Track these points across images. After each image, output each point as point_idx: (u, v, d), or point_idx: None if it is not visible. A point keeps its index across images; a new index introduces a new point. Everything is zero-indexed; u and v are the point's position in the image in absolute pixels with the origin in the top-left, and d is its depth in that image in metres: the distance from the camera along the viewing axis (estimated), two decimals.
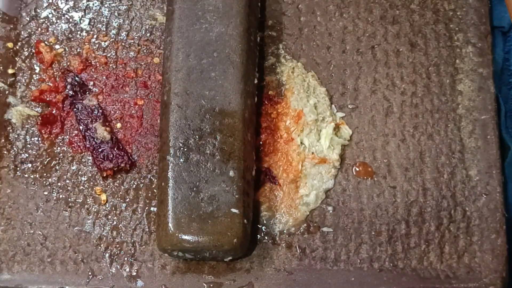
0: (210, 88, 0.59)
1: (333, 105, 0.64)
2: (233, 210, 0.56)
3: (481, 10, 0.66)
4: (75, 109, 0.63)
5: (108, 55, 0.65)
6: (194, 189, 0.57)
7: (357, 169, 0.62)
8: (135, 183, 0.62)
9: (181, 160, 0.57)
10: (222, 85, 0.59)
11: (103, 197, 0.61)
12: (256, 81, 0.62)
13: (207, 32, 0.60)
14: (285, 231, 0.61)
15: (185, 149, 0.58)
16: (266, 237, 0.60)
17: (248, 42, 0.61)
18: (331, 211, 0.61)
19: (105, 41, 0.65)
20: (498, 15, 0.68)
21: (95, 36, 0.65)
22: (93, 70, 0.65)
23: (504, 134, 0.66)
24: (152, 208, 0.61)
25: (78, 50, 0.65)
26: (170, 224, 0.55)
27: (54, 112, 0.64)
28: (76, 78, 0.64)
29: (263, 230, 0.61)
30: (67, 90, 0.63)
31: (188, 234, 0.55)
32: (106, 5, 0.66)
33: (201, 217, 0.56)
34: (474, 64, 0.65)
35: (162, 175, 0.58)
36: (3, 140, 0.63)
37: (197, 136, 0.58)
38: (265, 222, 0.61)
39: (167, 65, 0.60)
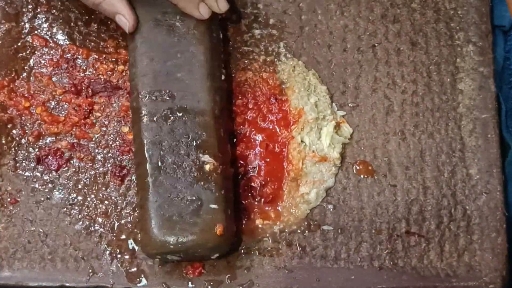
0: (178, 89, 0.59)
1: (333, 104, 0.64)
2: (212, 206, 0.56)
3: (482, 9, 0.66)
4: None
5: None
6: (173, 190, 0.56)
7: (358, 167, 0.63)
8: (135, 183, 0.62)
9: (157, 165, 0.57)
10: (189, 85, 0.59)
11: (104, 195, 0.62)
12: (223, 77, 0.62)
13: (168, 33, 0.60)
14: (285, 229, 0.61)
15: (160, 153, 0.57)
16: (266, 235, 0.60)
17: (211, 40, 0.61)
18: (331, 210, 0.61)
19: None
20: (499, 14, 0.68)
21: None
22: None
23: (505, 133, 0.66)
24: None
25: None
26: (152, 229, 0.55)
27: None
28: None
29: (263, 228, 0.61)
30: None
31: (171, 236, 0.55)
32: None
33: (182, 218, 0.56)
34: (475, 63, 0.65)
35: (139, 181, 0.58)
36: (4, 138, 0.63)
37: (170, 139, 0.58)
38: (265, 220, 0.61)
39: (132, 72, 0.60)
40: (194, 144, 0.58)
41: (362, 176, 0.62)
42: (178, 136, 0.58)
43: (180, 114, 0.58)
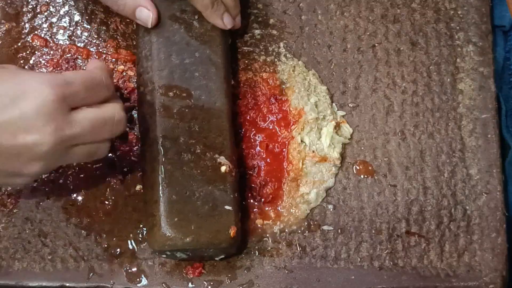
0: (195, 88, 0.59)
1: (334, 104, 0.64)
2: (227, 207, 0.56)
3: (482, 9, 0.66)
4: None
5: None
6: (189, 188, 0.56)
7: (358, 167, 0.63)
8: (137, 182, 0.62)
9: (173, 160, 0.57)
10: (206, 85, 0.59)
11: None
12: (232, 82, 0.63)
13: (186, 32, 0.60)
14: (286, 229, 0.61)
15: (176, 149, 0.57)
16: (266, 235, 0.60)
17: (226, 43, 0.62)
18: (331, 210, 0.61)
19: None
20: (499, 14, 0.68)
21: None
22: None
23: (505, 133, 0.66)
24: None
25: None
26: (168, 224, 0.55)
27: None
28: None
29: (263, 228, 0.61)
30: None
31: (187, 233, 0.55)
32: None
33: (198, 216, 0.56)
34: (475, 63, 0.65)
35: (152, 175, 0.57)
36: None
37: (187, 136, 0.58)
38: (265, 220, 0.61)
39: (147, 64, 0.60)
40: (211, 144, 0.58)
41: (362, 176, 0.62)
42: (196, 134, 0.58)
43: (198, 113, 0.58)
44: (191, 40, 0.60)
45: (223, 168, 0.57)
